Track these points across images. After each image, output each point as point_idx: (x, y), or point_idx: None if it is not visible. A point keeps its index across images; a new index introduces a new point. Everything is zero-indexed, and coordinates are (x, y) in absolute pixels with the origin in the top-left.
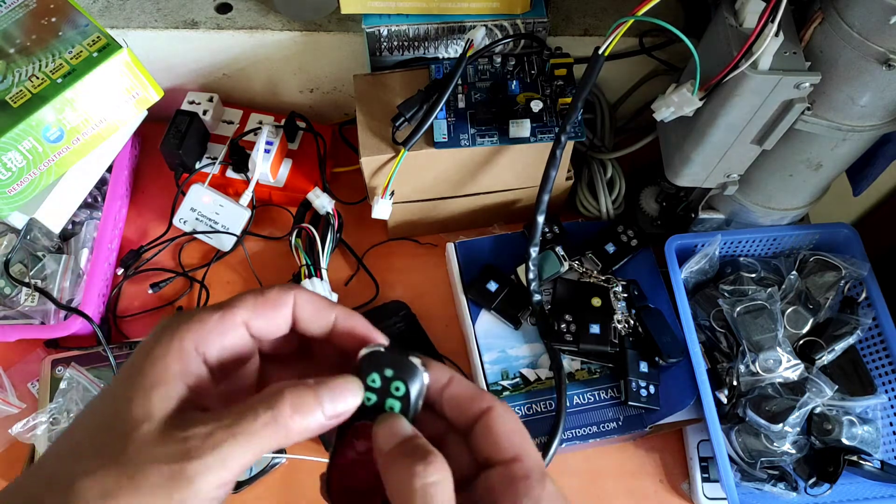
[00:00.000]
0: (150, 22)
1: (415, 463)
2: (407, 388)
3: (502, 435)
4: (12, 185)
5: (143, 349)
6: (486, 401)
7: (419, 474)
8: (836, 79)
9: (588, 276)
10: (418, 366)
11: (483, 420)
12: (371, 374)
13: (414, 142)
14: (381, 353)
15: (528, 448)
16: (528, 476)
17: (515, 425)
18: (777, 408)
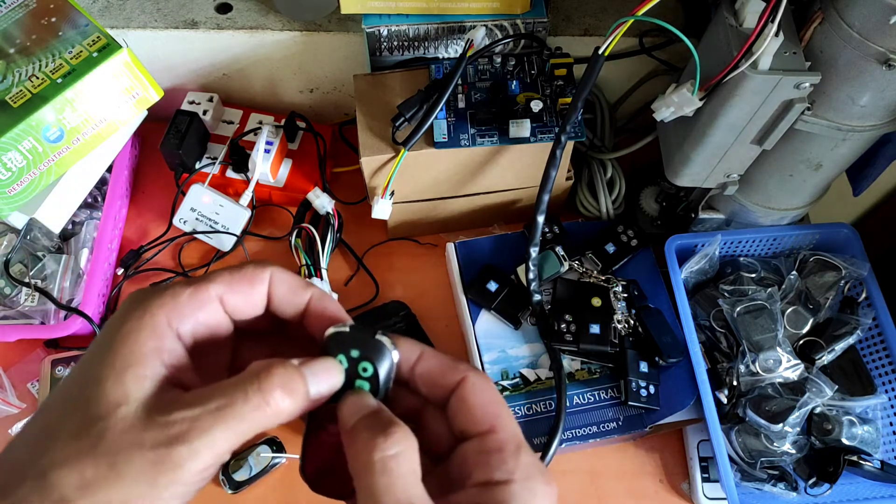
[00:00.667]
0: (150, 22)
1: (375, 435)
2: (375, 368)
3: (477, 406)
4: (12, 185)
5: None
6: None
7: (378, 447)
8: (836, 79)
9: (588, 276)
10: (386, 344)
11: (458, 392)
12: (337, 355)
13: (414, 142)
14: (346, 332)
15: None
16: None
17: (491, 395)
18: (777, 408)
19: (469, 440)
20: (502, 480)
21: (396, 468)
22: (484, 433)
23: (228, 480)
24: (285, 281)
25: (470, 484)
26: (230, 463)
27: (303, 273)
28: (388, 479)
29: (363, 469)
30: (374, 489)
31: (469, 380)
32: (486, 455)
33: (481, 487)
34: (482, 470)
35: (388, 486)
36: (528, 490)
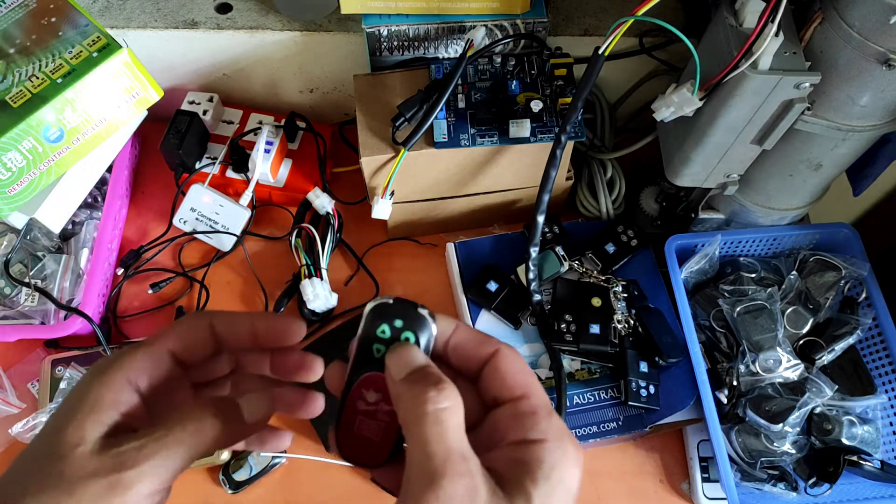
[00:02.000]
0: (150, 22)
1: (427, 388)
2: (417, 337)
3: (509, 374)
4: (12, 185)
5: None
6: (492, 345)
7: (432, 399)
8: (836, 79)
9: (588, 276)
10: (427, 316)
11: (491, 363)
12: (380, 325)
13: (414, 142)
14: (389, 304)
15: (535, 386)
16: (536, 412)
17: (522, 366)
18: (777, 408)
19: (502, 406)
20: (537, 439)
21: (447, 420)
22: (517, 398)
23: (228, 480)
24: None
25: (506, 444)
26: (230, 463)
27: (303, 273)
28: (441, 429)
29: (416, 419)
30: (427, 437)
31: (502, 351)
32: (520, 418)
33: (516, 445)
34: (516, 431)
35: (440, 436)
36: (561, 449)
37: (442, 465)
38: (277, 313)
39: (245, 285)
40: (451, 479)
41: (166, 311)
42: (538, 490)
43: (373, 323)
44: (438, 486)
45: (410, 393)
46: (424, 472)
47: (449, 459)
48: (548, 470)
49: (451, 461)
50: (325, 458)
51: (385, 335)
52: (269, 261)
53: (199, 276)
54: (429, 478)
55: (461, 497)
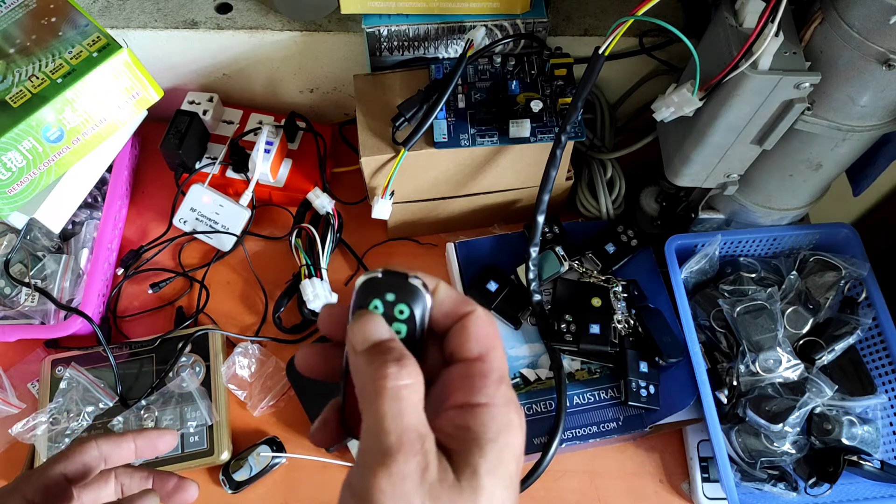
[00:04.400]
0: (150, 22)
1: (388, 363)
2: (411, 310)
3: (473, 336)
4: (12, 185)
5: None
6: (470, 305)
7: (392, 375)
8: (836, 79)
9: (588, 276)
10: (419, 286)
11: (461, 321)
12: (372, 300)
13: (414, 142)
14: (378, 278)
15: (495, 351)
16: (486, 375)
17: (490, 330)
18: (777, 408)
19: (456, 364)
20: (482, 403)
21: (406, 397)
22: (472, 359)
23: (228, 480)
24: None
25: (449, 405)
26: (230, 463)
27: (303, 273)
28: (399, 406)
29: (374, 394)
30: (384, 413)
31: (476, 312)
32: (469, 379)
33: (461, 409)
34: (463, 392)
35: (397, 412)
36: (505, 416)
37: (397, 442)
38: (154, 429)
39: (245, 285)
40: (405, 456)
41: (166, 310)
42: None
43: (364, 299)
44: (392, 462)
45: (370, 366)
46: (378, 448)
47: (404, 436)
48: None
49: (406, 439)
50: (325, 458)
51: (378, 310)
52: (269, 261)
53: (199, 276)
54: (381, 454)
55: (412, 475)
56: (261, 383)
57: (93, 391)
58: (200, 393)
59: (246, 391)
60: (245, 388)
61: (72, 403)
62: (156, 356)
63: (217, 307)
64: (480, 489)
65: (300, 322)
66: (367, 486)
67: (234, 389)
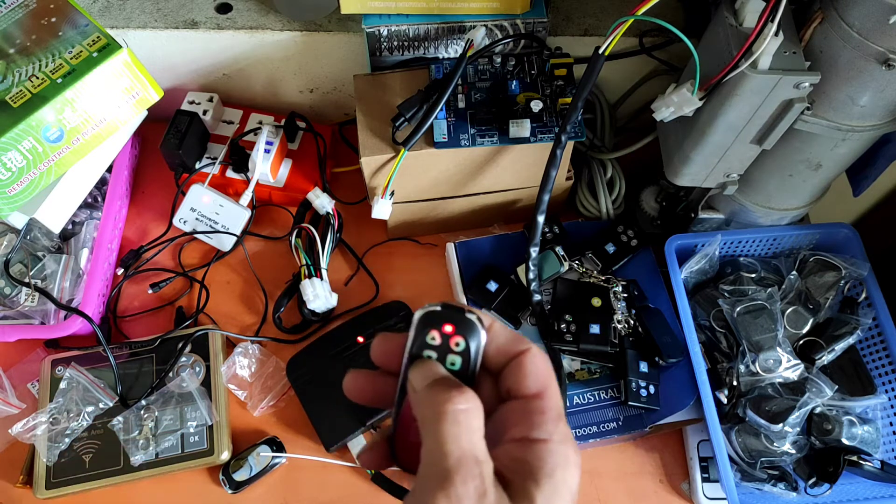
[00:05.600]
0: (150, 22)
1: (449, 389)
2: (467, 344)
3: (530, 373)
4: (12, 185)
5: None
6: (525, 343)
7: (452, 399)
8: (836, 79)
9: (588, 276)
10: (476, 322)
11: (518, 358)
12: (430, 332)
13: (414, 142)
14: (438, 311)
15: (552, 390)
16: (545, 412)
17: (546, 367)
18: (777, 408)
19: (514, 401)
20: (541, 439)
21: (465, 421)
22: (530, 396)
23: (228, 480)
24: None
25: (508, 438)
26: (230, 463)
27: (303, 273)
28: (458, 430)
29: (434, 418)
30: (444, 436)
31: (532, 350)
32: (529, 415)
33: (519, 443)
34: (523, 427)
35: (457, 436)
36: (563, 454)
37: (456, 465)
38: None
39: (245, 285)
40: (464, 479)
41: (166, 311)
42: (541, 492)
43: (423, 330)
44: (450, 485)
45: (431, 394)
46: (437, 470)
47: (463, 460)
48: (550, 471)
49: (464, 462)
50: (325, 458)
51: (435, 342)
52: (269, 261)
53: (199, 276)
54: (441, 476)
55: (469, 498)
56: (261, 383)
57: (93, 391)
58: (200, 393)
59: (246, 391)
60: (245, 388)
61: (72, 403)
62: (156, 356)
63: (217, 307)
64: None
65: (300, 322)
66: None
67: (234, 389)
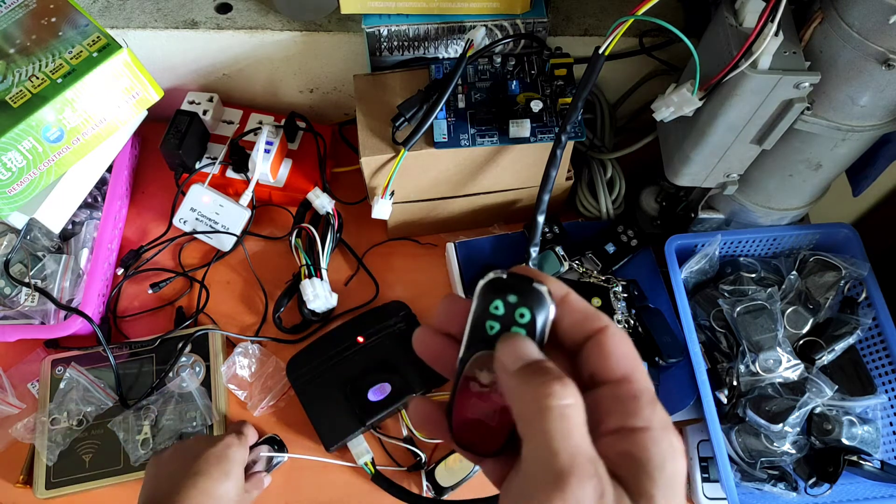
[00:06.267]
0: (150, 22)
1: (549, 382)
2: (533, 315)
3: (613, 355)
4: (12, 185)
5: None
6: (601, 320)
7: (556, 394)
8: (836, 79)
9: (588, 276)
10: (544, 293)
11: (595, 338)
12: (493, 300)
13: (414, 142)
14: (503, 279)
15: (639, 371)
16: (639, 397)
17: (629, 347)
18: (777, 408)
19: (601, 387)
20: (640, 427)
21: (572, 416)
22: (618, 381)
23: None
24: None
25: (603, 430)
26: None
27: (303, 273)
28: (567, 426)
29: (538, 413)
30: (552, 434)
31: (610, 329)
32: (621, 402)
33: (618, 434)
34: (618, 416)
35: (566, 433)
36: (668, 442)
37: (569, 464)
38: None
39: (245, 285)
40: (580, 480)
41: (166, 311)
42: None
43: (486, 298)
44: (566, 486)
45: (530, 385)
46: (549, 470)
47: (576, 459)
48: (660, 463)
49: (578, 461)
50: (325, 458)
51: (499, 311)
52: (269, 261)
53: (199, 276)
54: (555, 477)
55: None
56: (261, 383)
57: (93, 391)
58: (200, 393)
59: (246, 391)
60: (245, 388)
61: (72, 403)
62: (156, 356)
63: (217, 307)
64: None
65: (300, 322)
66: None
67: (234, 389)
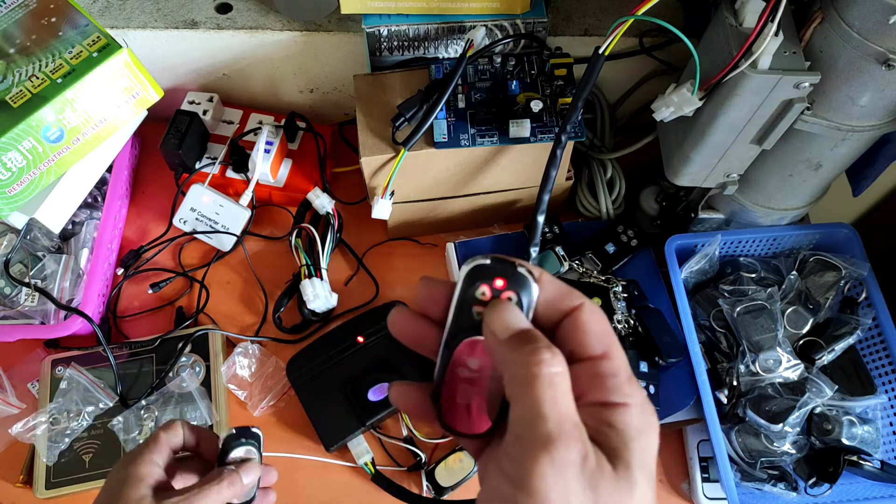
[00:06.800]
0: (150, 22)
1: (539, 350)
2: (519, 298)
3: (591, 332)
4: (12, 185)
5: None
6: (576, 297)
7: (546, 362)
8: (836, 79)
9: (588, 276)
10: (527, 275)
11: (573, 315)
12: (479, 287)
13: (414, 142)
14: (487, 264)
15: (616, 347)
16: (617, 373)
17: (605, 325)
18: (777, 408)
19: (580, 363)
20: (620, 402)
21: (560, 384)
22: (597, 357)
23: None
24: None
25: (584, 403)
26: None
27: (303, 273)
28: (554, 393)
29: (528, 380)
30: (540, 399)
31: (586, 306)
32: (601, 378)
33: (599, 407)
34: (597, 391)
35: (554, 399)
36: (644, 415)
37: (556, 428)
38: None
39: (245, 285)
40: (567, 443)
41: (166, 311)
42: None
43: (471, 283)
44: (553, 448)
45: (519, 353)
46: (537, 434)
47: (563, 424)
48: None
49: (565, 426)
50: (325, 458)
51: (485, 296)
52: (269, 261)
53: (199, 276)
54: (544, 439)
55: (574, 462)
56: (261, 383)
57: (93, 391)
58: (200, 393)
59: (246, 391)
60: (245, 388)
61: (72, 403)
62: (156, 356)
63: (217, 307)
64: (635, 482)
65: (300, 322)
66: (528, 471)
67: (234, 389)
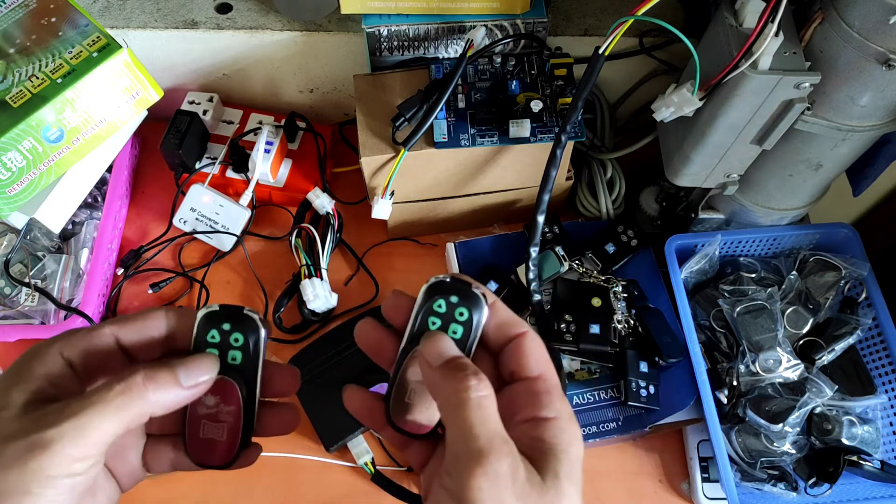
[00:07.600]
0: (150, 22)
1: (467, 377)
2: (470, 314)
3: (531, 356)
4: (12, 185)
5: (16, 360)
6: (522, 326)
7: (474, 387)
8: (836, 79)
9: (588, 276)
10: (480, 296)
11: (517, 340)
12: (437, 300)
13: (414, 142)
14: (446, 281)
15: (551, 371)
16: (550, 391)
17: (542, 351)
18: (777, 408)
19: (518, 383)
20: (551, 417)
21: (488, 406)
22: (533, 378)
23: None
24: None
25: (518, 419)
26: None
27: (303, 273)
28: (483, 414)
29: (458, 405)
30: (471, 420)
31: (529, 334)
32: (536, 395)
33: (531, 422)
34: (531, 408)
35: (483, 419)
36: (570, 429)
37: (487, 445)
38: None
39: (245, 285)
40: (498, 456)
41: None
42: (562, 467)
43: (430, 297)
44: (486, 462)
45: (451, 380)
46: (471, 451)
47: (493, 440)
48: (566, 447)
49: (495, 442)
50: (325, 458)
51: (441, 309)
52: (269, 261)
53: (199, 276)
54: (476, 455)
55: (505, 474)
56: None
57: None
58: None
59: None
60: None
61: None
62: None
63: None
64: (563, 491)
65: (300, 322)
66: (465, 485)
67: None
